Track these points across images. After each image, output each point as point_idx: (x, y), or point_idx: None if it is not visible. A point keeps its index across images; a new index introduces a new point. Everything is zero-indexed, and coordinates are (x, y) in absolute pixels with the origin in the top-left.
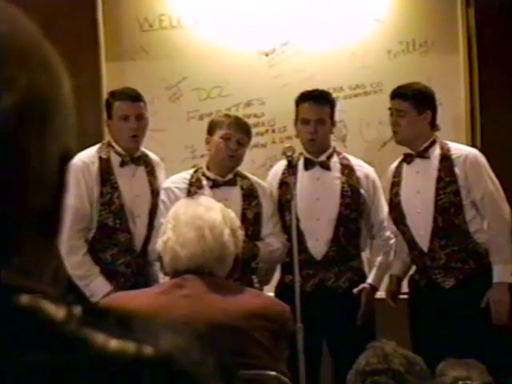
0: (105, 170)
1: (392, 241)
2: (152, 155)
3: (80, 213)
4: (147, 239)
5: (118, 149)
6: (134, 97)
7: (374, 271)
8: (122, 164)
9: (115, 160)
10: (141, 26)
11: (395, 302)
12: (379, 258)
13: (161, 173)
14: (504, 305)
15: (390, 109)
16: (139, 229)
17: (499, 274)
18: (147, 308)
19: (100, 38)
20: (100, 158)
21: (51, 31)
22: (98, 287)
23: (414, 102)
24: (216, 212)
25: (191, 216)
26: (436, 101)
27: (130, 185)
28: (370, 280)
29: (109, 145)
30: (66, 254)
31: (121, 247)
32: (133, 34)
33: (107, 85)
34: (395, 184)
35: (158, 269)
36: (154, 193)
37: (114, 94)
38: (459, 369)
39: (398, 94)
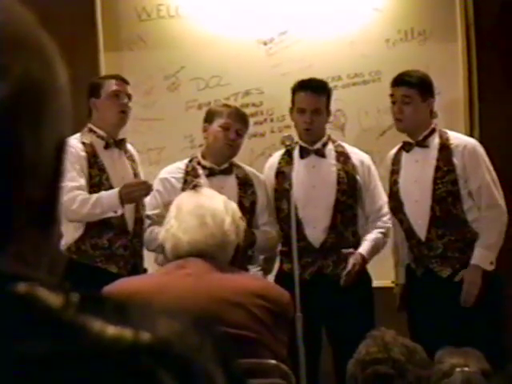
0: (90, 153)
1: (390, 224)
2: (129, 145)
3: (76, 188)
4: (137, 221)
5: (101, 133)
6: (123, 78)
7: (366, 243)
8: (106, 147)
9: (98, 144)
10: (139, 16)
11: (404, 308)
12: (374, 235)
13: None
14: (475, 287)
15: (392, 96)
16: (129, 210)
17: (479, 257)
18: (150, 287)
19: (98, 28)
20: (83, 143)
21: (49, 21)
22: (109, 200)
23: (419, 89)
24: (218, 201)
25: (194, 205)
26: (434, 89)
27: (115, 167)
28: (360, 249)
29: (90, 131)
30: (68, 206)
31: (115, 230)
32: (131, 23)
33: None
34: (394, 172)
35: (155, 261)
36: (137, 176)
37: (102, 77)
38: (457, 356)
39: (403, 80)
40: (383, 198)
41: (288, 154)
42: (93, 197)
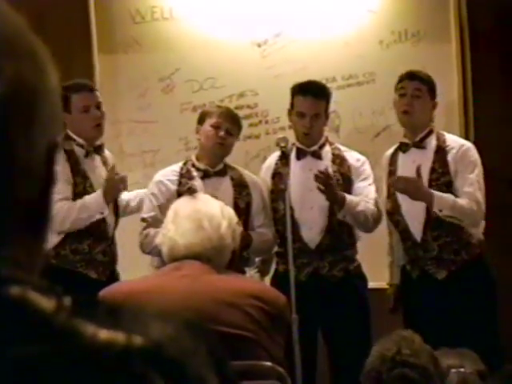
0: (73, 160)
1: (373, 211)
2: (105, 150)
3: (59, 200)
4: (116, 227)
5: (80, 140)
6: (90, 87)
7: (351, 196)
8: (87, 155)
9: (79, 151)
10: (133, 18)
11: (398, 309)
12: (359, 200)
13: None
14: (413, 188)
15: (401, 89)
16: (110, 216)
17: (440, 195)
18: (147, 288)
19: (92, 31)
20: (64, 150)
21: (44, 24)
22: (96, 203)
23: (429, 87)
24: (215, 206)
25: (190, 210)
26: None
27: (95, 174)
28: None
29: (69, 138)
30: (54, 218)
31: (96, 236)
32: (125, 26)
33: (100, 77)
34: (391, 173)
35: (151, 264)
36: None
37: (68, 88)
38: (452, 357)
39: (416, 75)
40: (371, 194)
41: (283, 156)
42: (77, 203)
